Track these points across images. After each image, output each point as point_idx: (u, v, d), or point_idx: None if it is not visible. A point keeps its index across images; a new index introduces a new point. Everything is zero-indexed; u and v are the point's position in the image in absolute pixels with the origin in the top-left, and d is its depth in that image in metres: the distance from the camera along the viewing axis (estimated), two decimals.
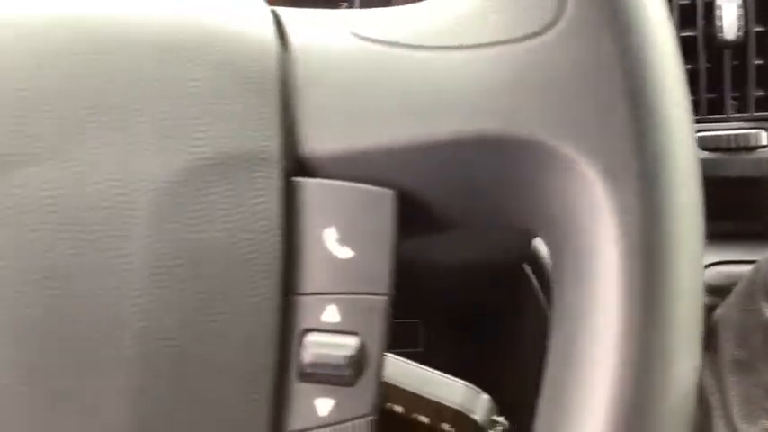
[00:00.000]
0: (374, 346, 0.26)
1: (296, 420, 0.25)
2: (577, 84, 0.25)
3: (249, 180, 0.25)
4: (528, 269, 0.65)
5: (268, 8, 0.29)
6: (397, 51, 0.27)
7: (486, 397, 0.51)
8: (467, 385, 0.51)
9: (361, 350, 0.25)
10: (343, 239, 0.26)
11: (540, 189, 0.26)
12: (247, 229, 0.25)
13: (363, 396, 0.25)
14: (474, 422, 0.51)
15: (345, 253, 0.26)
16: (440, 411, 0.50)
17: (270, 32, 0.27)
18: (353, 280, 0.26)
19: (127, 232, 0.24)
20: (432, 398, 0.49)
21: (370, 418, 0.25)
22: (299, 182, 0.26)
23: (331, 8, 0.31)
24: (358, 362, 0.25)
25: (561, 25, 0.25)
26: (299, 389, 0.25)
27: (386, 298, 0.26)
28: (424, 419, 0.50)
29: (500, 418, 0.53)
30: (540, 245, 0.64)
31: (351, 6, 0.79)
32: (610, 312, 0.24)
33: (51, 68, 0.24)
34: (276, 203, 0.25)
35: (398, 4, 0.31)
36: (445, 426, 0.50)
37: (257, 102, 0.26)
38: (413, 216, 0.27)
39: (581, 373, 0.24)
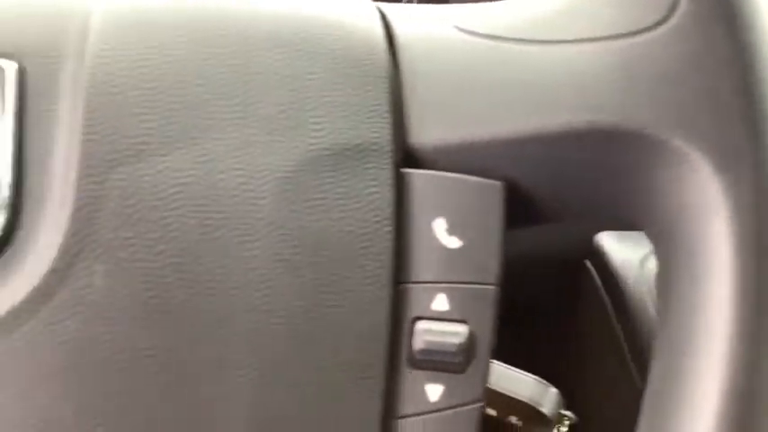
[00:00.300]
0: (483, 334, 0.26)
1: (407, 406, 0.26)
2: (691, 79, 0.25)
3: (362, 171, 0.26)
4: (589, 265, 0.65)
5: (372, 4, 0.30)
6: (504, 45, 0.28)
7: (554, 391, 0.52)
8: (536, 379, 0.51)
9: (471, 338, 0.26)
10: (451, 229, 0.27)
11: (650, 183, 0.26)
12: (360, 219, 0.26)
13: (472, 383, 0.26)
14: (542, 415, 0.51)
15: (454, 243, 0.26)
16: (508, 404, 0.50)
17: (378, 26, 0.28)
18: (462, 269, 0.26)
19: (251, 220, 0.25)
20: (501, 390, 0.50)
21: (479, 404, 0.26)
22: (408, 173, 0.27)
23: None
24: (468, 349, 0.26)
25: (674, 21, 0.26)
26: (410, 375, 0.26)
27: (495, 287, 0.26)
28: (492, 412, 0.50)
29: (568, 412, 0.53)
30: (603, 240, 0.64)
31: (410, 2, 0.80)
32: (723, 308, 0.24)
33: (179, 62, 0.25)
34: (388, 194, 0.26)
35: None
36: (513, 419, 0.50)
37: (369, 94, 0.26)
38: (519, 207, 0.27)
39: (694, 366, 0.24)
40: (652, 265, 0.62)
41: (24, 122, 0.24)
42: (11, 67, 0.24)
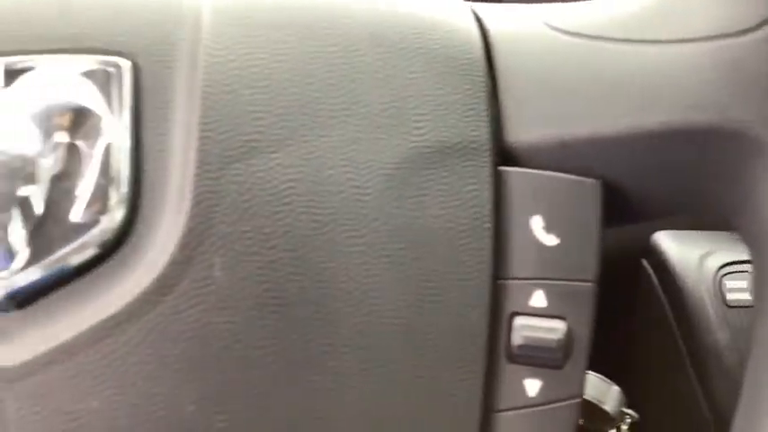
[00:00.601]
0: (582, 331, 0.26)
1: (505, 400, 0.26)
2: None
3: (462, 168, 0.26)
4: (646, 264, 0.65)
5: (465, 3, 0.30)
6: (599, 44, 0.28)
7: (617, 389, 0.52)
8: (598, 377, 0.51)
9: (569, 334, 0.26)
10: (549, 227, 0.27)
11: (747, 183, 0.27)
12: (460, 216, 0.26)
13: (571, 378, 0.26)
14: (605, 413, 0.51)
15: (551, 240, 0.27)
16: None
17: (473, 25, 0.28)
18: (560, 267, 0.27)
19: (357, 215, 0.25)
20: None
21: (576, 400, 0.26)
22: (506, 171, 0.27)
23: None
24: (566, 345, 0.26)
25: None
26: (508, 369, 0.26)
27: (592, 285, 0.27)
28: None
29: (629, 411, 0.53)
30: (660, 239, 0.64)
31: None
32: None
33: (287, 61, 0.26)
34: (487, 192, 0.26)
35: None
36: None
37: (468, 93, 0.27)
38: (614, 205, 0.28)
39: None
40: (711, 264, 0.62)
41: (140, 119, 0.25)
42: (126, 65, 0.25)
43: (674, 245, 0.64)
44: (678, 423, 0.61)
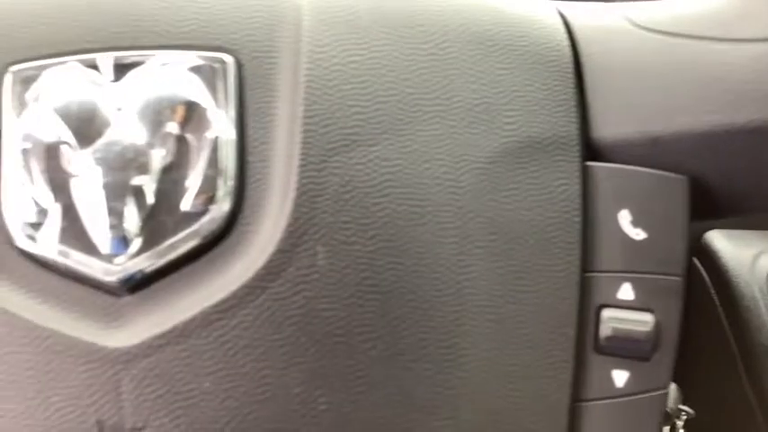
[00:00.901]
0: (670, 324, 0.27)
1: (593, 390, 0.27)
2: None
3: (551, 163, 0.27)
4: (698, 263, 0.65)
5: (548, 1, 0.31)
6: (683, 41, 0.28)
7: (673, 386, 0.52)
8: None
9: (658, 327, 0.27)
10: (636, 221, 0.27)
11: None
12: (550, 210, 0.27)
13: (658, 370, 0.27)
14: None
15: (639, 234, 0.27)
16: None
17: (559, 23, 0.29)
18: (647, 260, 0.27)
19: (452, 208, 0.26)
20: None
21: (663, 391, 0.27)
22: (593, 166, 0.28)
23: None
24: (655, 338, 0.27)
25: None
26: (596, 360, 0.27)
27: (680, 279, 0.27)
28: None
29: (685, 407, 0.53)
30: (712, 238, 0.64)
31: None
32: None
33: (384, 57, 0.27)
34: (576, 186, 0.27)
35: None
36: None
37: (557, 89, 0.27)
38: (700, 201, 0.28)
39: None
40: (763, 263, 0.62)
41: (244, 113, 0.26)
42: (230, 61, 0.26)
43: (726, 244, 0.64)
44: (729, 421, 0.61)
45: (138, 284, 0.25)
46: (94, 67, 0.26)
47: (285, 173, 0.25)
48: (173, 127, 0.25)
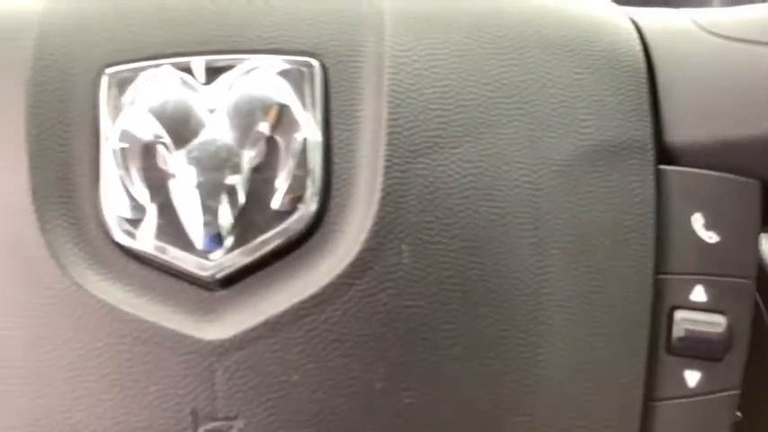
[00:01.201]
0: (741, 325, 0.28)
1: (665, 390, 0.27)
2: None
3: (626, 167, 0.28)
4: None
5: (615, 5, 0.31)
6: (752, 47, 0.29)
7: None
8: None
9: (730, 329, 0.27)
10: (709, 225, 0.28)
11: None
12: (625, 212, 0.27)
13: (730, 371, 0.27)
14: None
15: (712, 237, 0.28)
16: None
17: (631, 27, 0.30)
18: (720, 263, 0.28)
19: (532, 209, 0.27)
20: None
21: (735, 392, 0.27)
22: (666, 170, 0.28)
23: None
24: (727, 339, 0.27)
25: None
26: (669, 361, 0.28)
27: (751, 282, 0.28)
28: None
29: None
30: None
31: None
32: None
33: (464, 62, 0.27)
34: (650, 189, 0.28)
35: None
36: None
37: (631, 93, 0.28)
38: None
39: None
40: None
41: (329, 116, 0.27)
42: (316, 65, 0.27)
43: None
44: None
45: (230, 279, 0.26)
46: (187, 70, 0.27)
47: (370, 174, 0.26)
48: (263, 128, 0.26)
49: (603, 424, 0.27)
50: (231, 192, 0.26)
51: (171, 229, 0.26)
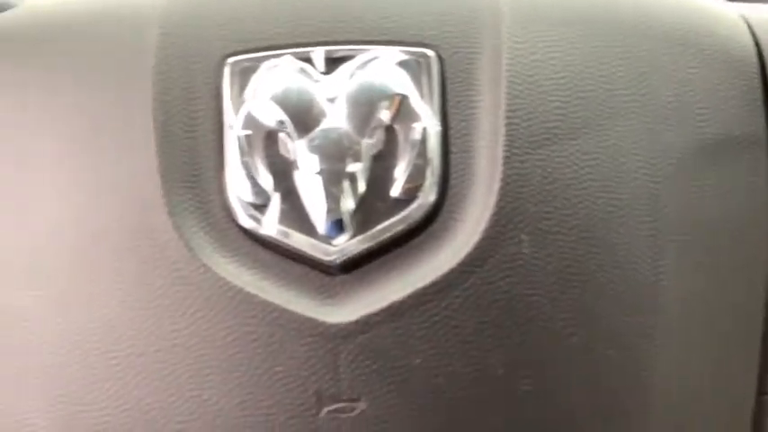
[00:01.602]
0: None
1: None
2: None
3: (740, 160, 0.28)
4: None
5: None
6: None
7: None
8: None
9: None
10: None
11: None
12: (740, 206, 0.27)
13: None
14: None
15: None
16: None
17: (740, 21, 0.30)
18: None
19: (649, 202, 0.27)
20: None
21: None
22: None
23: None
24: None
25: None
26: None
27: None
28: None
29: None
30: None
31: None
32: None
33: (581, 55, 0.28)
34: (764, 183, 0.28)
35: None
36: None
37: (744, 87, 0.28)
38: None
39: None
40: None
41: (447, 106, 0.27)
42: (433, 56, 0.27)
43: None
44: None
45: (352, 264, 0.26)
46: (308, 60, 0.27)
47: (489, 164, 0.26)
48: (383, 117, 0.27)
49: (716, 416, 0.27)
50: (352, 179, 0.26)
51: (294, 214, 0.26)
